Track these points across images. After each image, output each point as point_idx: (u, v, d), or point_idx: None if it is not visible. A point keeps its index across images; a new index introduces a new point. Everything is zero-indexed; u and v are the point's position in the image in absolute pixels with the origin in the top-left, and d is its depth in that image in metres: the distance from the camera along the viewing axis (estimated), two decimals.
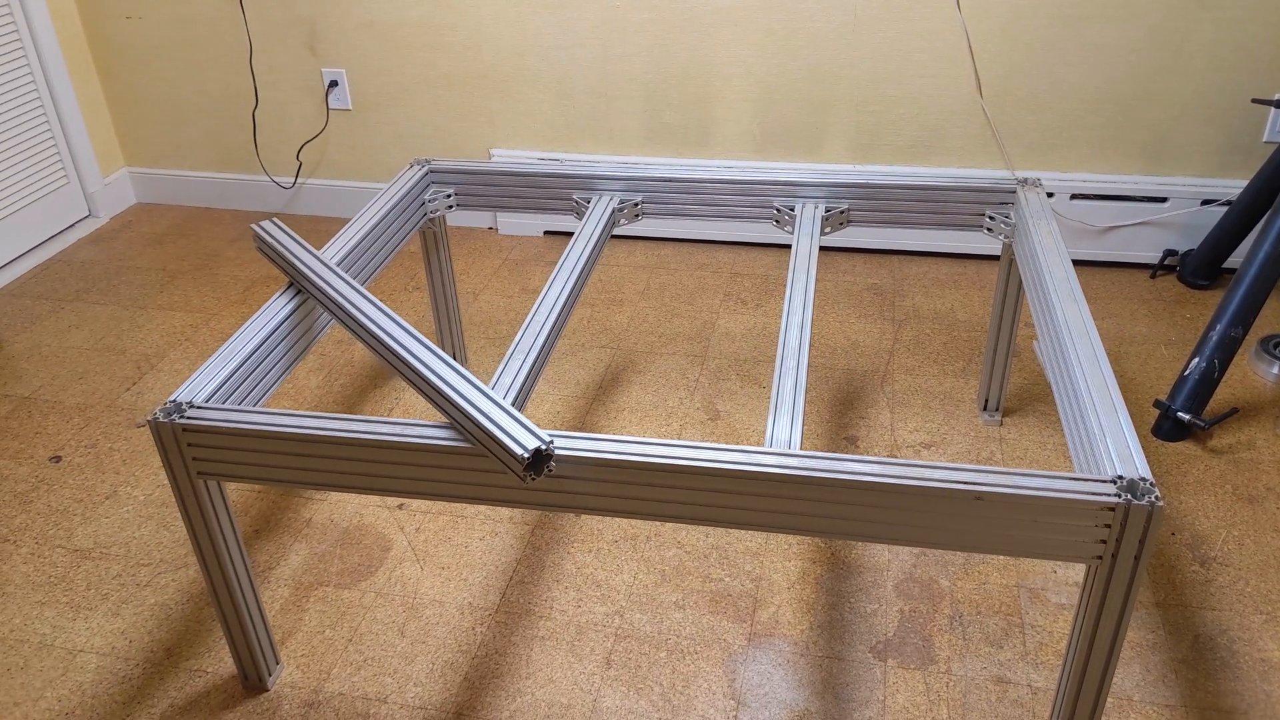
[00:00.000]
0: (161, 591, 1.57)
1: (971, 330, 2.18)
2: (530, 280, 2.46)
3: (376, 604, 1.53)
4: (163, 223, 2.82)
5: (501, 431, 1.07)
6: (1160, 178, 2.30)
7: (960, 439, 1.83)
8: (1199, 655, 1.40)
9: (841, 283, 2.39)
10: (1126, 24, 2.16)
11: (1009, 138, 2.33)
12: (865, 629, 1.46)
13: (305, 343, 1.42)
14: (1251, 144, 2.23)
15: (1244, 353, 2.04)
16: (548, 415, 1.95)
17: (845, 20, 2.27)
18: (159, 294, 2.44)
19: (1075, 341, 1.24)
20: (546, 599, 1.53)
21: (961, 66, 2.27)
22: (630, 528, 1.66)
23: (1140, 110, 2.24)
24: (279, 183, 2.82)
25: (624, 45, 2.41)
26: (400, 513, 1.71)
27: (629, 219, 1.78)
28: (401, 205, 1.73)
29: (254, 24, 2.60)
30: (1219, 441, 1.80)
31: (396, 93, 2.61)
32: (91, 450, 1.89)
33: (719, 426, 1.90)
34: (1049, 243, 1.48)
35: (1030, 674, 1.38)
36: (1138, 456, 1.04)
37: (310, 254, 1.45)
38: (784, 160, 2.47)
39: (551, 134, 2.57)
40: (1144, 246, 2.36)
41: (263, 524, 1.70)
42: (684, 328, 2.23)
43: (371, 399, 2.02)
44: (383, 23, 2.52)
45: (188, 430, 1.15)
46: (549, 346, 1.37)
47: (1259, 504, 1.65)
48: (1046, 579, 1.53)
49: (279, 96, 2.69)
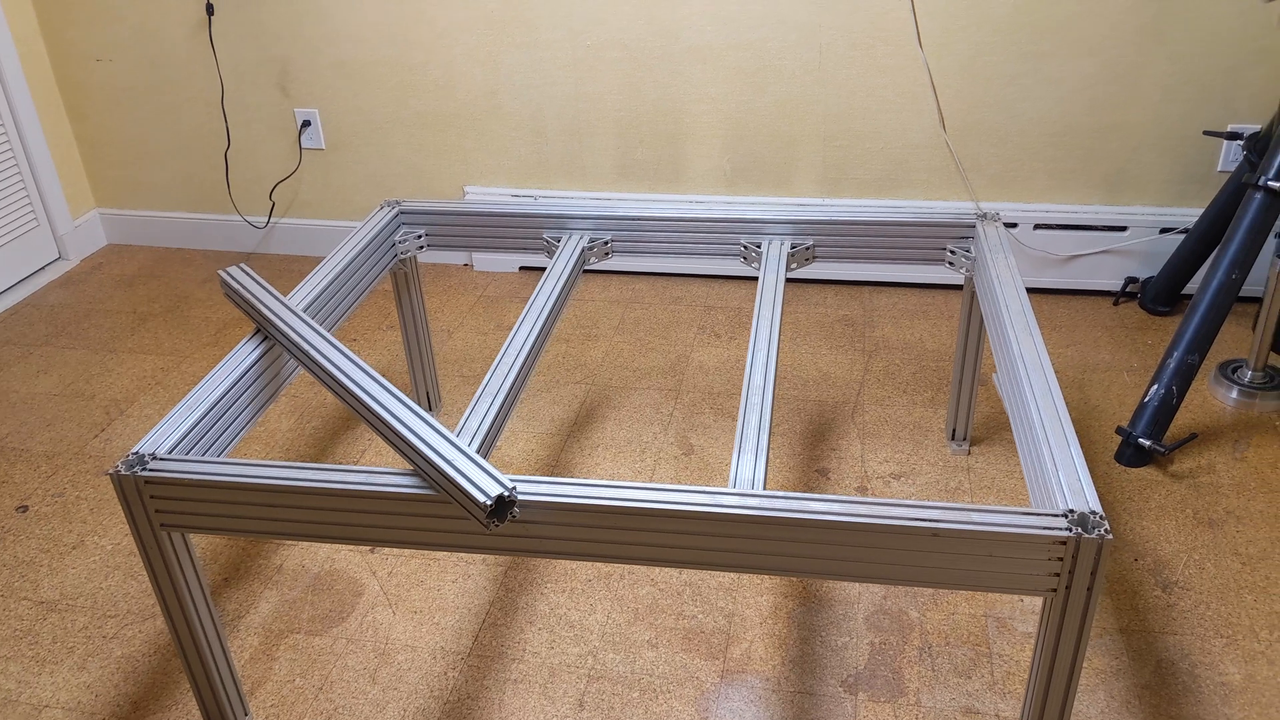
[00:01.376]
0: (128, 644, 1.56)
1: (940, 360, 2.20)
2: (505, 317, 2.47)
3: (348, 651, 1.53)
4: (133, 264, 2.82)
5: (464, 478, 1.08)
6: (1119, 207, 2.35)
7: (929, 469, 1.85)
8: (1162, 680, 1.41)
9: (813, 314, 2.42)
10: (1083, 59, 2.21)
11: (972, 170, 2.38)
12: (836, 663, 1.47)
13: (274, 388, 1.42)
14: (1206, 174, 2.28)
15: (1203, 377, 2.07)
16: (521, 454, 1.95)
17: (811, 58, 2.32)
18: (129, 337, 2.44)
19: (1030, 375, 1.26)
20: (519, 641, 1.53)
21: (925, 102, 2.32)
22: (603, 566, 1.67)
23: (1098, 142, 2.29)
24: (251, 223, 2.83)
25: (596, 83, 2.45)
26: (372, 556, 1.71)
27: (599, 257, 1.80)
28: (371, 247, 1.74)
29: (225, 65, 2.62)
30: (1180, 466, 1.83)
31: (369, 132, 2.63)
32: (59, 499, 1.88)
33: (693, 462, 1.91)
34: (1006, 276, 1.51)
35: (998, 704, 1.39)
36: (1088, 489, 1.06)
37: (277, 300, 1.46)
38: (755, 194, 2.51)
39: (525, 171, 2.60)
40: (1106, 274, 2.40)
41: (232, 571, 1.70)
42: (658, 362, 2.24)
43: (344, 441, 2.02)
44: (355, 62, 2.54)
45: (150, 483, 1.15)
46: (519, 386, 1.38)
47: (1219, 528, 1.68)
48: (1014, 608, 1.55)
49: (251, 137, 2.71)
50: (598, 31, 2.38)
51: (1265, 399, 1.97)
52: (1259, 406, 1.97)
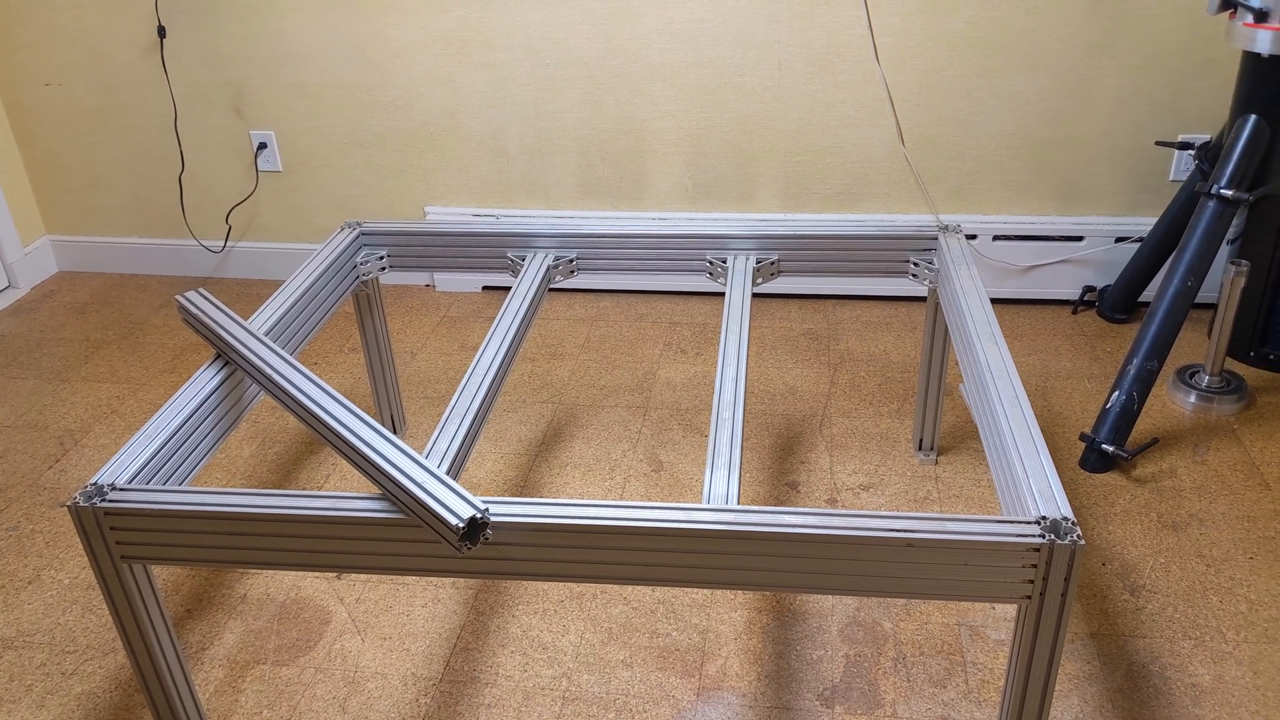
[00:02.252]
0: (88, 680, 1.52)
1: (905, 371, 2.22)
2: (469, 337, 2.45)
3: (316, 680, 1.50)
4: (86, 291, 2.77)
5: (435, 501, 1.06)
6: (1075, 218, 2.39)
7: (898, 479, 1.86)
8: (1133, 684, 1.43)
9: (779, 329, 2.43)
10: (1036, 73, 2.25)
11: (931, 183, 2.40)
12: (812, 676, 1.47)
13: (235, 414, 1.39)
14: (1159, 183, 2.33)
15: (1162, 383, 2.11)
16: (489, 475, 1.93)
17: (770, 74, 2.33)
18: (83, 365, 2.38)
19: (997, 383, 1.27)
20: (492, 665, 1.51)
21: (883, 116, 2.34)
22: (576, 586, 1.65)
23: (1053, 154, 2.33)
24: (208, 247, 2.79)
25: (556, 102, 2.44)
26: (340, 583, 1.68)
27: (564, 275, 1.79)
28: (333, 269, 1.72)
29: (178, 88, 2.58)
30: (1142, 471, 1.85)
31: (328, 153, 2.61)
32: (13, 533, 1.83)
33: (663, 478, 1.90)
34: (969, 286, 1.53)
35: (974, 712, 1.39)
36: (1059, 495, 1.07)
37: (237, 324, 1.44)
38: (717, 210, 2.52)
39: (487, 190, 2.59)
40: (1064, 284, 2.43)
41: (195, 602, 1.66)
42: (625, 379, 2.24)
43: (307, 466, 1.98)
44: (311, 84, 2.52)
45: (110, 514, 1.12)
46: (486, 407, 1.37)
47: (1183, 531, 1.70)
48: (985, 616, 1.55)
49: (206, 160, 2.67)
50: (557, 50, 2.38)
51: (1223, 403, 2.00)
52: (1217, 410, 2.01)
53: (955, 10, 2.21)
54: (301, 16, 2.44)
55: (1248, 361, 2.16)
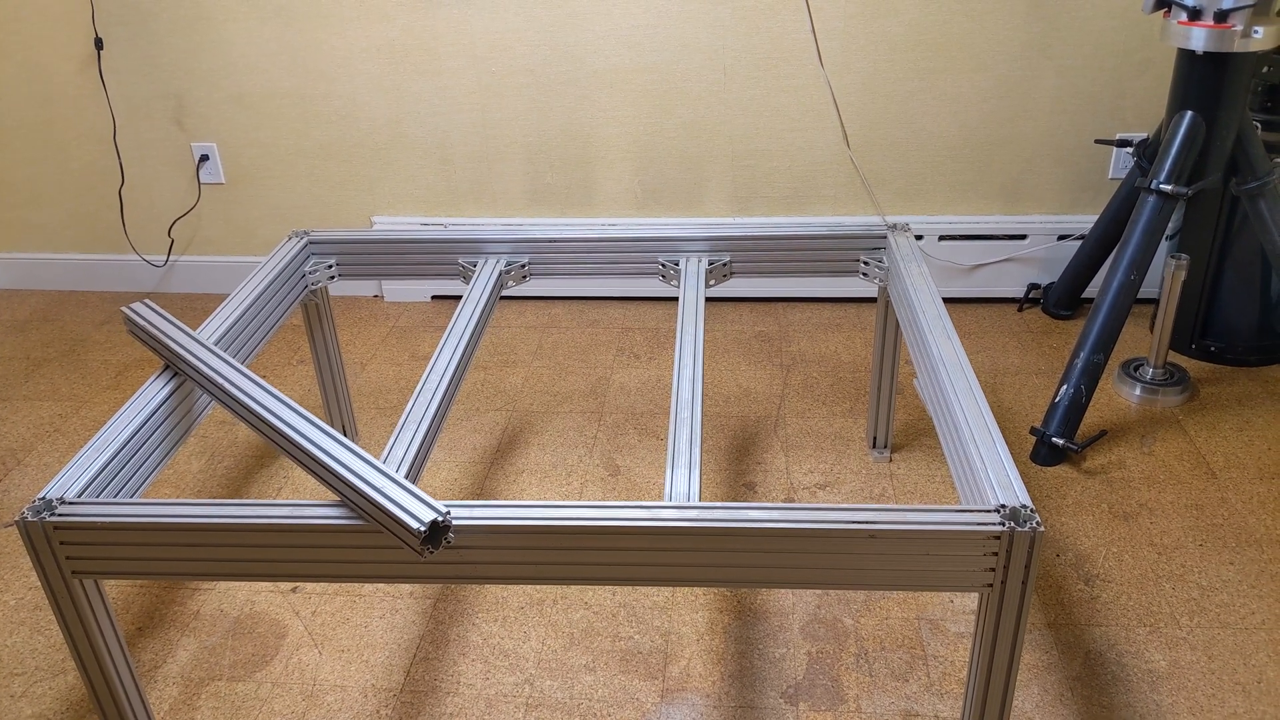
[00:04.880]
0: (38, 702, 1.47)
1: (856, 371, 2.24)
2: (419, 347, 2.43)
3: (273, 695, 1.46)
4: (25, 309, 2.69)
5: (395, 505, 1.05)
6: (1018, 216, 2.44)
7: (853, 477, 1.88)
8: (1091, 672, 1.45)
9: (730, 332, 2.44)
10: (976, 74, 2.29)
11: (877, 185, 2.44)
12: (775, 674, 1.47)
13: (185, 426, 1.36)
14: (1099, 181, 2.38)
15: (1108, 377, 2.16)
16: (445, 484, 1.91)
17: (716, 79, 2.35)
18: (23, 384, 2.31)
19: (952, 377, 1.29)
20: (453, 674, 1.49)
21: (828, 119, 2.37)
22: (536, 592, 1.64)
23: (995, 154, 2.38)
24: (150, 261, 2.73)
25: (502, 109, 2.43)
26: (295, 596, 1.65)
27: (517, 281, 1.78)
28: (281, 278, 1.69)
29: (117, 100, 2.52)
30: (1092, 463, 1.89)
31: (271, 164, 2.57)
32: None
33: (620, 482, 1.90)
34: (920, 284, 1.55)
35: (936, 705, 1.41)
36: (1017, 484, 1.09)
37: (185, 334, 1.40)
38: (666, 215, 2.52)
39: (433, 199, 2.56)
40: (1009, 282, 2.48)
41: (146, 620, 1.61)
42: (579, 385, 2.23)
43: (259, 480, 1.94)
44: (253, 95, 2.48)
45: (60, 528, 1.09)
46: (442, 414, 1.35)
47: (1133, 520, 1.74)
48: (944, 610, 1.57)
49: (146, 173, 2.61)
50: (502, 57, 2.38)
51: (1167, 394, 2.06)
52: (1161, 402, 2.06)
53: (895, 14, 2.24)
54: (242, 26, 2.40)
55: (1190, 354, 2.22)
